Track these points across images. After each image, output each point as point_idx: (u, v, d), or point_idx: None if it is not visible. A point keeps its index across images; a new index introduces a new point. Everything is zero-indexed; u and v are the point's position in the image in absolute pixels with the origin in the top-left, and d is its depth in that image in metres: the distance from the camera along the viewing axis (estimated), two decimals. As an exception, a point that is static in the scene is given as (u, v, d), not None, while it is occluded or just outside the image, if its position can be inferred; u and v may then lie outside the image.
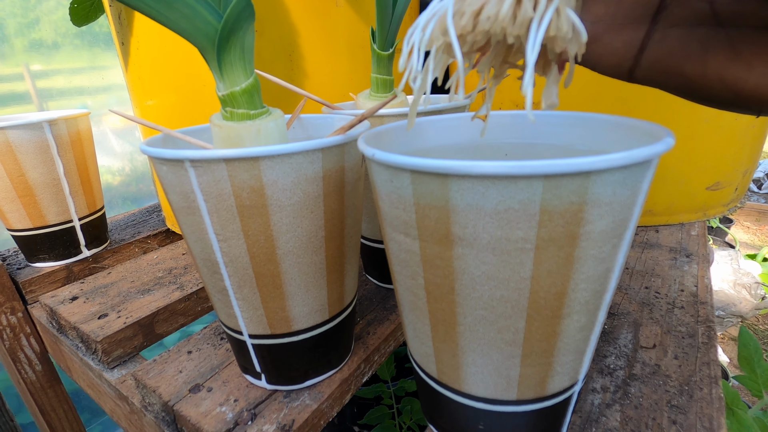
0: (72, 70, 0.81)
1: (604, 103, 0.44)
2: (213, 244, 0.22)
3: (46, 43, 0.77)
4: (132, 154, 0.95)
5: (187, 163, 0.20)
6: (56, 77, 0.80)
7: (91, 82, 0.85)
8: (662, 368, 0.27)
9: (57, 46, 0.79)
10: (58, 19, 0.79)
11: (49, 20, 0.78)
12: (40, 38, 0.76)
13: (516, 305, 0.16)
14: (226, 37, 0.21)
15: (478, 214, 0.15)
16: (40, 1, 0.76)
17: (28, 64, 0.76)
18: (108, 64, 0.86)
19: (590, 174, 0.13)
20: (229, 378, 0.29)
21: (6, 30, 0.73)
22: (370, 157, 0.17)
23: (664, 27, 0.16)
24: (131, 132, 0.93)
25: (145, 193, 0.98)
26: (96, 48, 0.84)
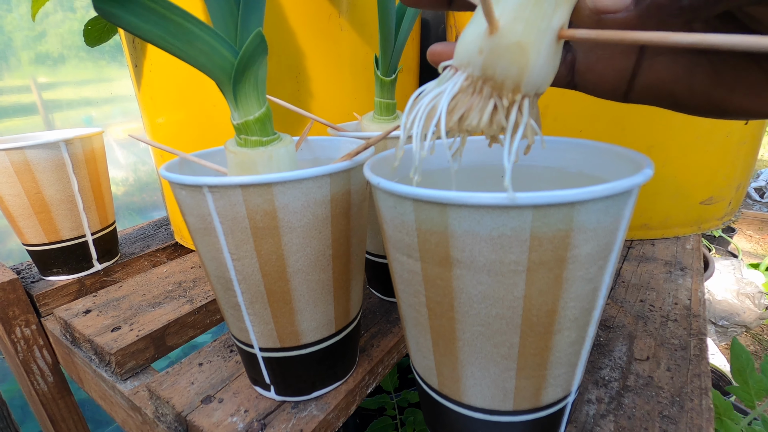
0: (77, 82, 0.83)
1: (600, 122, 0.46)
2: (227, 263, 0.24)
3: (52, 55, 0.79)
4: (136, 165, 0.97)
5: (206, 189, 0.21)
6: (62, 89, 0.82)
7: (97, 93, 0.86)
8: (655, 380, 0.28)
9: (63, 59, 0.81)
10: (64, 32, 0.81)
11: (56, 33, 0.80)
12: (46, 51, 0.78)
13: (510, 322, 0.17)
14: (241, 71, 0.23)
15: (475, 239, 0.16)
16: (47, 15, 0.78)
17: (35, 77, 0.78)
18: (113, 76, 0.88)
19: (575, 204, 0.15)
20: (239, 389, 0.30)
21: (14, 43, 0.75)
22: (375, 185, 0.18)
23: (651, 56, 0.17)
24: (135, 143, 0.95)
25: (149, 203, 1.00)
26: (101, 61, 0.86)
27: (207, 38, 0.21)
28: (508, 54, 0.14)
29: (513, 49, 0.14)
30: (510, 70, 0.14)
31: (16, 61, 0.76)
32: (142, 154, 0.98)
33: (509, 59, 0.14)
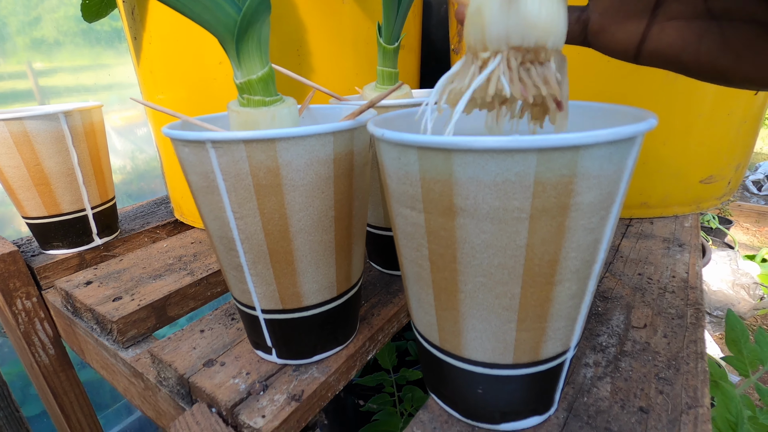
0: (73, 68, 0.82)
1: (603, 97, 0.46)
2: (230, 222, 0.24)
3: (47, 41, 0.78)
4: (133, 153, 0.96)
5: (209, 144, 0.21)
6: (58, 75, 0.81)
7: (93, 80, 0.85)
8: (651, 345, 0.29)
9: (59, 44, 0.80)
10: (59, 18, 0.80)
11: (51, 18, 0.78)
12: (42, 36, 0.77)
13: (512, 272, 0.18)
14: (244, 28, 0.22)
15: (479, 186, 0.16)
16: (41, 0, 0.77)
17: (31, 62, 0.77)
18: (109, 62, 0.87)
19: (579, 148, 0.15)
20: (240, 354, 0.31)
21: (8, 28, 0.74)
22: (380, 136, 0.18)
23: (662, 20, 0.18)
24: (132, 130, 0.94)
25: (146, 191, 0.99)
26: (98, 47, 0.85)
27: (210, -7, 0.21)
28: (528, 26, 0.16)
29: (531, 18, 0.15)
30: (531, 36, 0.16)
31: (11, 45, 0.74)
32: (140, 142, 0.97)
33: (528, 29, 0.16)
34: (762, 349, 0.44)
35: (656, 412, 0.23)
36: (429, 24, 0.77)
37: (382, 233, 0.38)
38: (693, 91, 0.44)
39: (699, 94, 0.44)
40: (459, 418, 0.24)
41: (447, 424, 0.24)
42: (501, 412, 0.22)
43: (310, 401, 0.27)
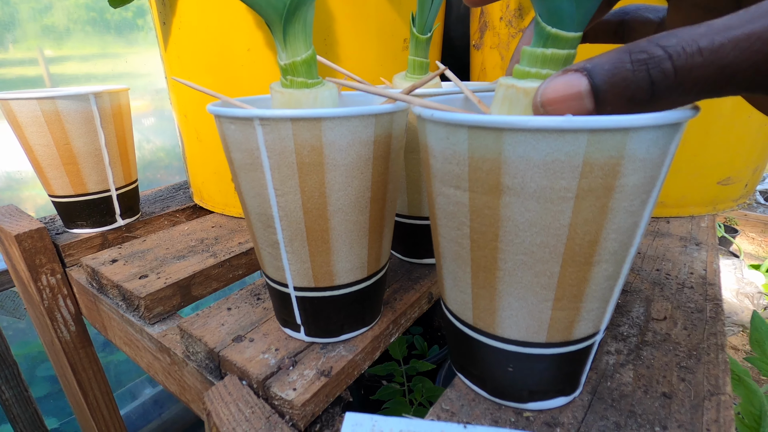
0: (83, 56, 0.83)
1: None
2: (271, 199, 0.25)
3: (57, 29, 0.79)
4: (140, 143, 0.97)
5: (257, 121, 0.22)
6: (68, 63, 0.81)
7: (102, 69, 0.86)
8: (672, 337, 0.29)
9: (69, 32, 0.80)
10: (70, 5, 0.80)
11: (62, 6, 0.79)
12: (52, 24, 0.78)
13: (553, 251, 0.18)
14: (292, 11, 0.23)
15: (528, 164, 0.17)
16: None
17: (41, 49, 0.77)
18: (119, 51, 0.87)
19: (629, 130, 0.16)
20: (268, 331, 0.31)
21: (19, 15, 0.74)
22: (429, 116, 0.19)
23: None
24: (139, 120, 0.95)
25: (153, 180, 1.00)
26: (107, 35, 0.85)
27: (262, -26, 0.22)
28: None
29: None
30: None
31: (21, 32, 0.75)
32: (147, 132, 0.98)
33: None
34: None
35: (679, 397, 0.24)
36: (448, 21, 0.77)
37: (406, 221, 0.39)
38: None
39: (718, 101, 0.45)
40: (486, 396, 0.25)
41: (474, 402, 0.25)
42: (529, 391, 0.23)
43: (338, 377, 0.28)
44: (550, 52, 0.19)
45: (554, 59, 0.19)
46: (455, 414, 0.24)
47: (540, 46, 0.19)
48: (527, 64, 0.20)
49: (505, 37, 0.53)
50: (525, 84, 0.20)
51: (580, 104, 0.15)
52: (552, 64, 0.19)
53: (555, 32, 0.18)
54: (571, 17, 0.18)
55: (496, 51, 0.55)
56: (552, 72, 0.20)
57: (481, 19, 0.58)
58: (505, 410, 0.24)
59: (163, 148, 1.02)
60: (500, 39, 0.54)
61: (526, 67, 0.20)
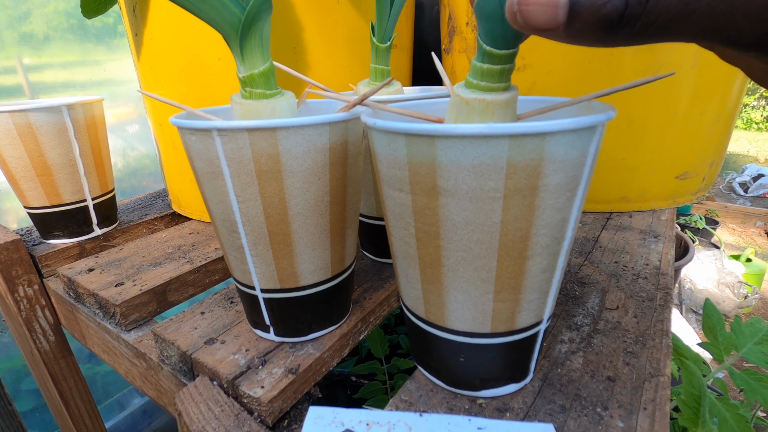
0: (64, 64, 0.82)
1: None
2: (233, 206, 0.26)
3: (37, 36, 0.77)
4: (124, 150, 0.96)
5: (215, 132, 0.23)
6: (48, 71, 0.80)
7: (83, 76, 0.85)
8: (622, 324, 0.31)
9: (48, 40, 0.79)
10: (49, 13, 0.79)
11: (41, 13, 0.78)
12: (31, 31, 0.77)
13: (489, 247, 0.20)
14: (248, 26, 0.24)
15: (459, 168, 0.18)
16: None
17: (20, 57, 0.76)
18: (100, 58, 0.86)
19: (546, 135, 0.17)
20: (240, 333, 0.32)
21: None
22: (372, 125, 0.20)
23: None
24: (123, 127, 0.95)
25: (137, 188, 1.00)
26: (88, 43, 0.84)
27: (216, -7, 0.23)
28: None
29: None
30: None
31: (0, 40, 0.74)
32: (131, 139, 0.97)
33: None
34: (737, 336, 0.46)
35: (622, 380, 0.26)
36: (422, 25, 0.79)
37: (375, 222, 0.40)
38: (669, 91, 0.47)
39: (675, 94, 0.47)
40: (443, 386, 0.26)
41: (432, 392, 0.26)
42: (481, 379, 0.24)
43: (306, 374, 0.29)
44: (486, 67, 0.21)
45: (490, 73, 0.21)
46: (413, 404, 0.25)
47: (479, 61, 0.21)
48: (472, 76, 0.21)
49: (472, 42, 0.55)
50: (467, 95, 0.21)
51: (553, 12, 0.15)
52: (488, 78, 0.21)
53: (489, 50, 0.20)
54: (502, 37, 0.20)
55: (464, 55, 0.57)
56: (489, 84, 0.21)
57: (450, 25, 0.59)
58: (460, 398, 0.25)
59: (148, 155, 1.02)
60: (467, 43, 0.56)
61: (471, 78, 0.22)
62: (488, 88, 0.21)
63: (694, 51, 0.45)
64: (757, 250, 2.30)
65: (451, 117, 0.23)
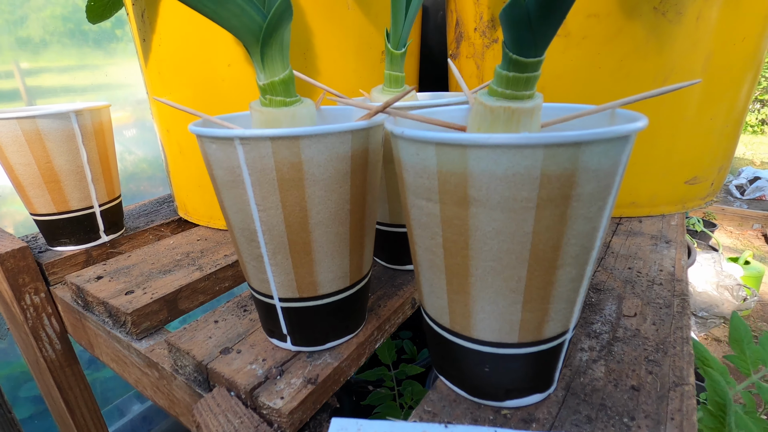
0: (61, 68, 0.81)
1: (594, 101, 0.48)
2: (253, 214, 0.25)
3: (33, 40, 0.77)
4: (122, 154, 0.96)
5: (237, 141, 0.23)
6: (45, 75, 0.80)
7: (81, 81, 0.84)
8: (641, 332, 0.31)
9: (45, 44, 0.79)
10: (46, 17, 0.79)
11: (37, 18, 0.77)
12: (27, 36, 0.76)
13: (519, 256, 0.20)
14: (269, 33, 0.24)
15: (491, 177, 0.18)
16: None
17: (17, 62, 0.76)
18: (97, 63, 0.86)
19: (580, 144, 0.17)
20: (255, 342, 0.32)
21: None
22: (400, 134, 0.20)
23: None
24: (120, 132, 0.94)
25: (135, 193, 0.99)
26: (85, 47, 0.84)
27: (239, 1, 0.23)
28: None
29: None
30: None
31: None
32: (129, 144, 0.97)
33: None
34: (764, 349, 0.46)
35: (646, 389, 0.26)
36: (426, 29, 0.79)
37: (388, 229, 0.40)
38: (679, 97, 0.47)
39: (684, 100, 0.47)
40: (466, 396, 0.26)
41: (455, 402, 0.26)
42: (505, 390, 0.24)
43: (325, 384, 0.28)
44: (512, 75, 0.21)
45: (516, 81, 0.21)
46: (437, 415, 0.25)
47: (504, 69, 0.21)
48: (496, 83, 0.21)
49: (480, 47, 0.55)
50: (492, 102, 0.21)
51: None
52: (514, 86, 0.21)
53: (516, 58, 0.20)
54: (529, 45, 0.20)
55: (472, 60, 0.57)
56: (514, 92, 0.21)
57: (457, 30, 0.60)
58: (484, 409, 0.25)
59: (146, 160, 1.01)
60: (475, 49, 0.56)
61: (495, 86, 0.21)
62: (513, 96, 0.21)
63: (704, 56, 0.45)
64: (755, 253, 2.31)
65: (474, 125, 0.23)
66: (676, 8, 0.43)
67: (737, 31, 0.45)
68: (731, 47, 0.45)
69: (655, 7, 0.43)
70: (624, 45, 0.45)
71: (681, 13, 0.43)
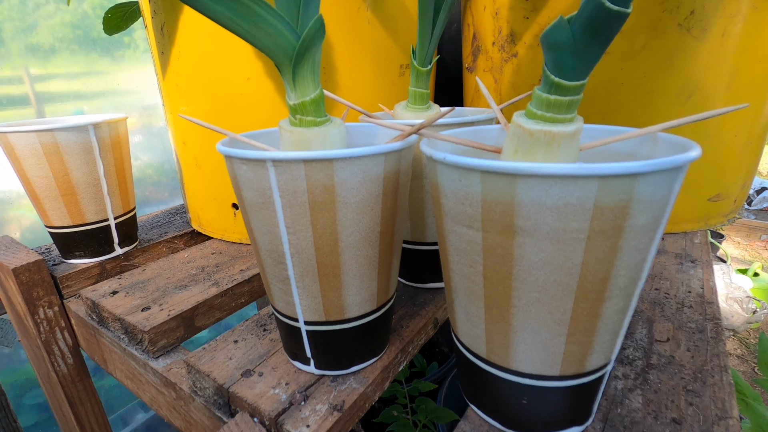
0: (69, 74, 0.83)
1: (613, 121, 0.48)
2: (282, 237, 0.25)
3: (43, 47, 0.79)
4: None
5: (269, 163, 0.23)
6: (53, 81, 0.81)
7: (88, 87, 0.86)
8: (676, 359, 0.30)
9: (54, 51, 0.80)
10: (55, 24, 0.80)
11: (47, 25, 0.79)
12: (37, 42, 0.78)
13: (567, 288, 0.19)
14: (302, 53, 0.24)
15: (541, 208, 0.17)
16: (38, 6, 0.77)
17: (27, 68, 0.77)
18: (105, 69, 0.88)
19: (637, 176, 0.16)
20: (277, 364, 0.31)
21: (3, 33, 0.74)
22: (441, 159, 0.20)
23: None
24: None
25: (141, 198, 0.99)
26: (93, 54, 0.85)
27: (273, 21, 0.23)
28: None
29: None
30: None
31: (6, 51, 0.75)
32: (134, 149, 0.98)
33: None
34: None
35: (688, 423, 0.25)
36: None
37: (409, 247, 0.39)
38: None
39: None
40: (500, 427, 0.25)
41: (488, 433, 0.25)
42: (543, 422, 0.23)
43: (351, 411, 0.28)
44: (553, 98, 0.20)
45: (557, 104, 0.20)
46: (471, 447, 0.24)
47: (545, 92, 0.20)
48: (535, 106, 0.21)
49: (498, 61, 0.55)
50: (531, 126, 0.21)
51: None
52: (555, 109, 0.20)
53: (558, 81, 0.19)
54: (573, 69, 0.19)
55: (490, 74, 0.57)
56: (555, 115, 0.21)
57: (474, 43, 0.59)
58: (519, 441, 0.24)
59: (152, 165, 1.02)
60: (493, 63, 0.56)
61: (534, 108, 0.21)
62: (554, 120, 0.21)
63: (729, 72, 0.45)
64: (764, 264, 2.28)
65: (511, 147, 0.22)
66: (702, 25, 0.43)
67: (762, 47, 0.44)
68: (756, 64, 0.45)
69: (680, 24, 0.43)
70: (647, 61, 0.45)
71: (706, 29, 0.43)
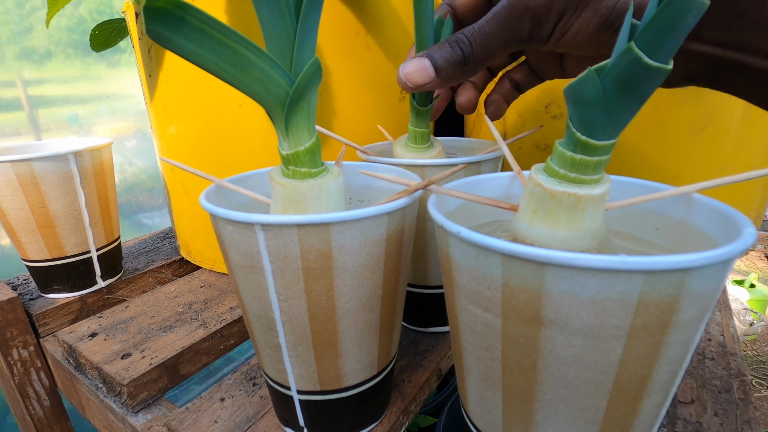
0: (64, 79, 0.81)
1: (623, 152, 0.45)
2: (272, 303, 0.22)
3: (38, 51, 0.77)
4: (122, 165, 0.94)
5: (258, 227, 0.20)
6: (48, 85, 0.79)
7: (83, 91, 0.84)
8: (704, 426, 0.27)
9: (49, 55, 0.79)
10: (51, 28, 0.78)
11: (43, 29, 0.77)
12: (32, 46, 0.76)
13: (601, 387, 0.16)
14: (296, 100, 0.21)
15: (574, 301, 0.15)
16: (34, 10, 0.76)
17: (20, 72, 0.75)
18: (100, 74, 0.86)
19: (689, 270, 0.14)
20: (267, 429, 0.28)
21: None
22: (456, 234, 0.17)
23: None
24: (121, 142, 0.93)
25: (134, 204, 0.97)
26: (88, 58, 0.84)
27: (263, 65, 0.20)
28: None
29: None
30: None
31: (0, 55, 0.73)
32: (129, 155, 0.95)
33: None
34: None
35: None
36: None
37: (410, 290, 0.37)
38: (715, 145, 0.44)
39: (721, 148, 0.44)
40: None
41: None
42: None
43: (348, 491, 0.25)
44: (579, 157, 0.18)
45: (583, 164, 0.18)
46: None
47: (570, 150, 0.18)
48: (557, 163, 0.18)
49: (502, 86, 0.53)
50: (553, 186, 0.18)
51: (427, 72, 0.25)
52: (581, 169, 0.18)
53: (585, 140, 0.17)
54: (603, 127, 0.17)
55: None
56: (581, 176, 0.18)
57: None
58: None
59: (146, 171, 0.99)
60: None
61: (556, 166, 0.19)
62: (579, 181, 0.18)
63: (744, 102, 0.43)
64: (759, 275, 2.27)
65: (529, 207, 0.20)
66: (717, 54, 0.41)
67: (779, 77, 0.42)
68: (772, 94, 0.43)
69: (694, 53, 0.41)
70: (660, 91, 0.42)
71: (722, 59, 0.41)
